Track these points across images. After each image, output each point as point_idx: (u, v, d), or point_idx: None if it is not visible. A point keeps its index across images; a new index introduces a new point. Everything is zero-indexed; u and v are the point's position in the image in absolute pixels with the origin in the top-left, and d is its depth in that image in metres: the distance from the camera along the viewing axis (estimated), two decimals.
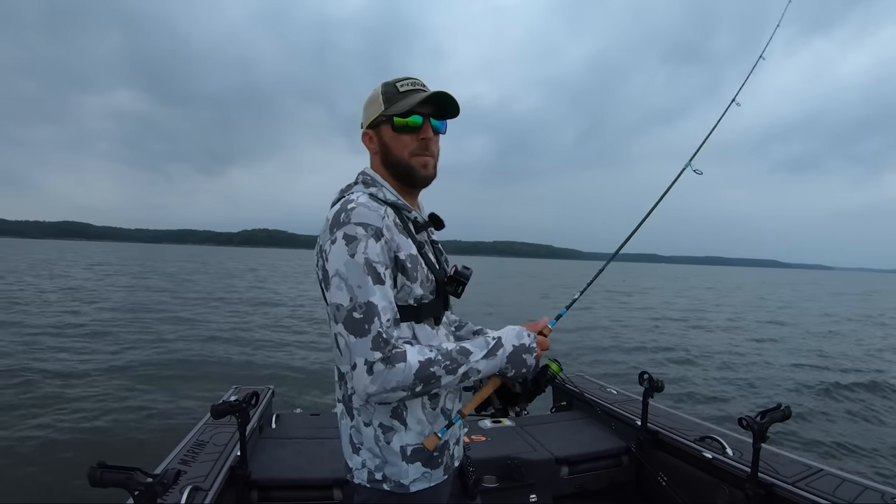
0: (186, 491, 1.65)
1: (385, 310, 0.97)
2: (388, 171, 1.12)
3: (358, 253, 0.96)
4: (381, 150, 1.11)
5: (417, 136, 1.08)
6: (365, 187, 1.09)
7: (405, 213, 1.10)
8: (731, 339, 11.26)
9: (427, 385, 0.98)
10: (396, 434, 1.06)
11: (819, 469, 1.92)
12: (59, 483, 3.45)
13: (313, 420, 2.79)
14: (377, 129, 1.11)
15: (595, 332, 11.14)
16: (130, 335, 8.95)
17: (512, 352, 1.06)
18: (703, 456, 2.14)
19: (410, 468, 1.07)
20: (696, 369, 7.91)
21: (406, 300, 1.05)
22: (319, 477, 2.11)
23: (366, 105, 1.13)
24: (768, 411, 1.76)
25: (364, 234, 0.97)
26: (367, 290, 0.96)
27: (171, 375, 6.39)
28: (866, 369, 8.22)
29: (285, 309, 14.26)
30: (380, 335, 0.94)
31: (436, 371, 0.98)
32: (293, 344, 8.90)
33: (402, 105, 1.07)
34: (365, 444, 1.08)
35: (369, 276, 0.96)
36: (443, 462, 1.12)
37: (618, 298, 21.18)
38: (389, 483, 1.06)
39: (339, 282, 0.97)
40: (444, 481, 1.14)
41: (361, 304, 0.95)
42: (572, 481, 2.40)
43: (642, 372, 2.32)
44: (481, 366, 1.03)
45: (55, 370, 6.27)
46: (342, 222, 0.99)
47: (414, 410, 1.07)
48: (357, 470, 1.09)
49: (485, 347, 1.04)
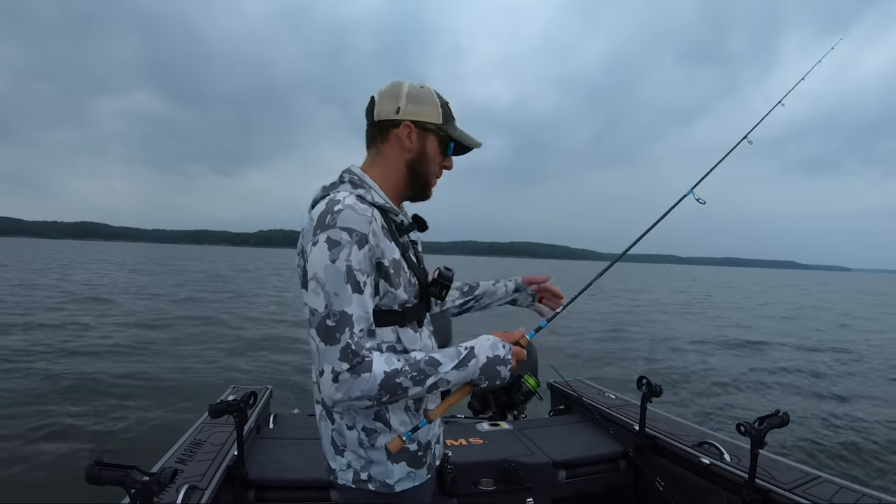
0: (183, 490, 1.65)
1: (359, 320, 0.95)
2: (408, 176, 1.12)
3: (340, 259, 0.95)
4: (415, 154, 1.10)
5: (444, 162, 1.15)
6: (352, 188, 1.06)
7: (391, 215, 1.08)
8: (731, 348, 11.26)
9: (393, 395, 0.97)
10: (380, 436, 1.06)
11: (816, 476, 1.92)
12: (56, 481, 3.45)
13: (311, 420, 2.79)
14: (422, 133, 1.09)
15: (594, 335, 11.13)
16: (131, 335, 8.95)
17: (486, 363, 1.03)
18: (701, 461, 2.14)
19: (395, 468, 1.07)
20: (696, 375, 7.90)
21: (390, 305, 1.05)
22: (317, 477, 2.10)
23: (413, 97, 1.08)
24: (766, 417, 1.76)
25: (348, 240, 0.95)
26: (344, 298, 0.95)
27: (171, 375, 6.38)
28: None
29: (286, 308, 14.25)
30: (349, 346, 0.93)
31: (402, 382, 0.96)
32: (293, 343, 8.90)
33: (462, 135, 1.13)
34: (349, 446, 1.08)
35: (348, 283, 0.95)
36: (426, 461, 1.13)
37: (619, 299, 21.18)
38: (375, 483, 1.07)
39: (317, 286, 0.96)
40: (428, 480, 1.15)
41: (336, 313, 0.94)
42: (570, 485, 2.40)
43: (641, 376, 2.32)
44: (451, 376, 1.01)
45: (56, 369, 6.27)
46: (327, 225, 0.96)
47: (397, 412, 1.07)
48: (342, 471, 1.09)
49: (455, 358, 1.01)
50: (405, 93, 1.08)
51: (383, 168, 1.11)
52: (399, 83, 1.10)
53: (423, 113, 1.08)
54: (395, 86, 1.09)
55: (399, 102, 1.07)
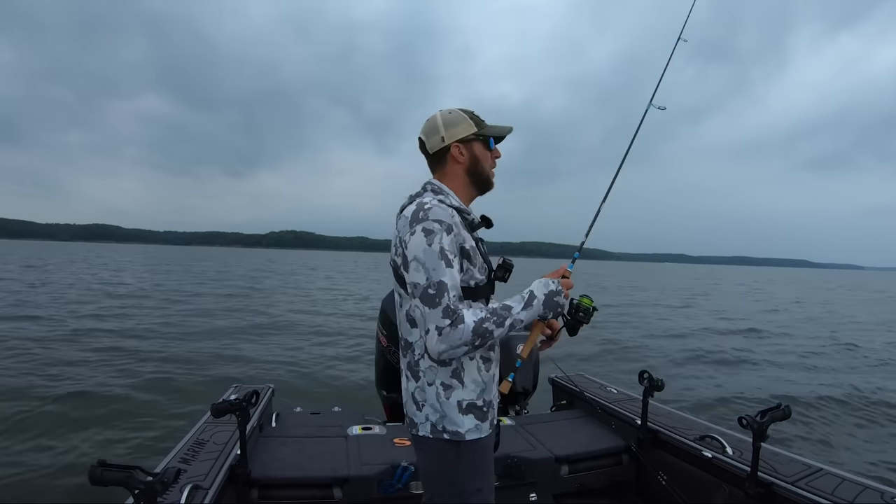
0: (187, 490, 1.65)
1: (453, 287, 1.19)
2: (471, 180, 1.39)
3: (434, 243, 1.20)
4: (470, 161, 1.37)
5: (492, 154, 1.41)
6: (434, 195, 1.32)
7: (465, 214, 1.34)
8: (732, 338, 11.27)
9: (484, 338, 1.19)
10: (455, 391, 1.28)
11: (819, 468, 1.92)
12: (59, 482, 3.46)
13: (314, 418, 2.80)
14: (467, 145, 1.36)
15: (595, 330, 11.14)
16: (130, 333, 8.96)
17: (545, 299, 1.29)
18: (703, 455, 2.14)
19: (465, 419, 1.28)
20: (697, 368, 7.91)
21: (467, 282, 1.28)
22: (320, 475, 2.11)
23: (448, 123, 1.35)
24: (768, 410, 1.77)
25: (439, 228, 1.21)
26: (440, 271, 1.19)
27: (171, 374, 6.39)
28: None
29: (285, 307, 14.26)
30: (448, 307, 1.17)
31: (488, 326, 1.19)
32: (293, 342, 8.90)
33: (495, 130, 1.40)
34: (428, 401, 1.29)
35: (442, 260, 1.20)
36: (489, 417, 1.34)
37: (621, 298, 21.20)
38: (449, 433, 1.27)
39: (417, 265, 1.20)
40: (489, 435, 1.35)
41: (434, 283, 1.18)
42: (572, 480, 2.40)
43: (642, 371, 2.32)
44: (522, 315, 1.25)
45: (54, 368, 6.28)
46: (420, 219, 1.23)
47: (470, 371, 1.30)
48: (421, 424, 1.30)
49: (521, 301, 1.27)
50: (440, 124, 1.36)
51: (452, 181, 1.38)
52: (433, 117, 1.38)
53: (461, 131, 1.36)
54: (431, 121, 1.38)
55: (441, 133, 1.35)
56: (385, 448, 2.35)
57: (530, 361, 3.12)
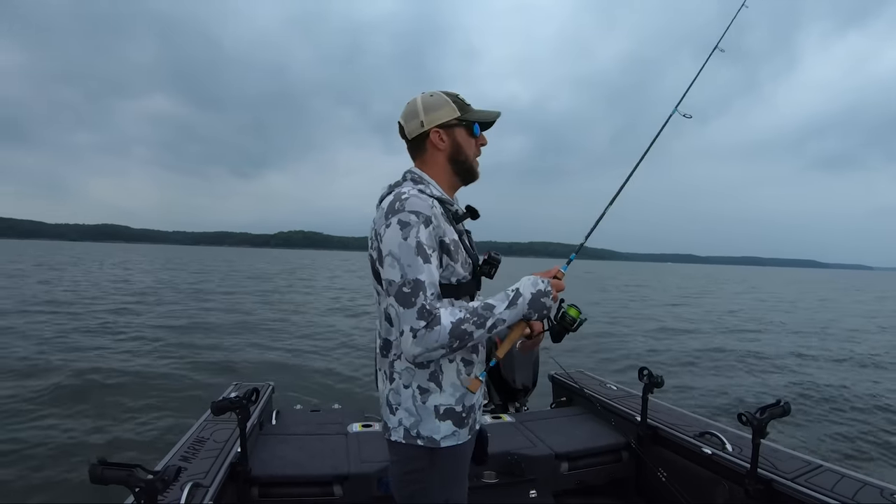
0: (187, 488, 1.66)
1: (430, 285, 1.11)
2: (453, 168, 1.29)
3: (410, 237, 1.11)
4: (451, 148, 1.27)
5: (477, 142, 1.30)
6: (414, 184, 1.24)
7: (448, 205, 1.25)
8: (732, 338, 11.28)
9: (462, 341, 1.10)
10: (432, 395, 1.20)
11: (818, 465, 1.93)
12: (59, 480, 3.46)
13: (314, 416, 2.80)
14: (449, 130, 1.26)
15: (595, 327, 11.14)
16: (129, 334, 8.96)
17: (531, 299, 1.17)
18: (703, 452, 2.15)
19: (442, 425, 1.20)
20: (696, 365, 7.92)
21: (448, 279, 1.19)
22: (320, 473, 2.12)
23: (428, 107, 1.25)
24: (767, 407, 1.77)
25: (416, 220, 1.12)
26: (416, 268, 1.10)
27: (171, 373, 6.39)
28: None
29: (285, 307, 14.26)
30: (423, 307, 1.08)
31: (466, 328, 1.10)
32: (293, 341, 8.91)
33: (480, 115, 1.28)
34: (402, 404, 1.21)
35: (419, 256, 1.11)
36: (468, 423, 1.25)
37: (622, 296, 21.20)
38: (423, 439, 1.20)
39: (392, 261, 1.12)
40: (468, 441, 1.27)
41: (410, 281, 1.10)
42: (572, 477, 2.41)
43: (642, 368, 2.32)
44: (505, 315, 1.15)
45: (55, 367, 6.28)
46: (397, 210, 1.14)
47: (449, 375, 1.21)
48: (394, 428, 1.23)
49: (506, 300, 1.16)
50: (420, 107, 1.25)
51: (432, 169, 1.28)
52: (413, 101, 1.27)
53: (442, 115, 1.24)
54: (411, 104, 1.27)
55: (420, 117, 1.25)
56: (385, 446, 2.35)
57: (530, 359, 3.12)
